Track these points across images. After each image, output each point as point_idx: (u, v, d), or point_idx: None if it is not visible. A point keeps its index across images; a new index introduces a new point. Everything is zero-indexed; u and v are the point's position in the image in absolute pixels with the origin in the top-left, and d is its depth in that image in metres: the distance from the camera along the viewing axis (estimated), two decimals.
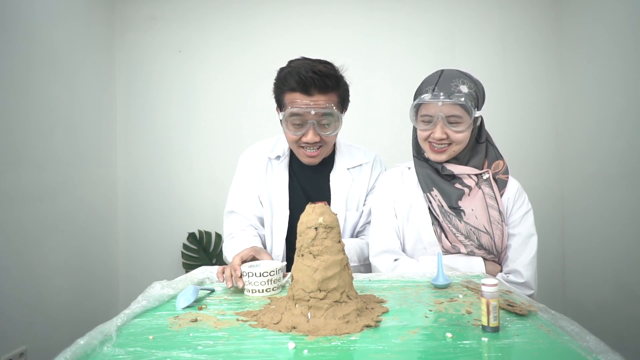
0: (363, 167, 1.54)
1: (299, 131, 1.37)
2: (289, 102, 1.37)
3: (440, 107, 1.27)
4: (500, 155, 1.40)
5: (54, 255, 2.19)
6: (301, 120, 1.36)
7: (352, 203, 1.50)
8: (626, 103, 2.15)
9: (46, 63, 2.15)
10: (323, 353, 0.72)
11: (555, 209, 2.68)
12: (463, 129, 1.27)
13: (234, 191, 1.54)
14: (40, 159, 2.10)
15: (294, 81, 1.34)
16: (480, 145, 1.38)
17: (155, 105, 2.78)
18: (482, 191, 1.33)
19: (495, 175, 1.37)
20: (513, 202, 1.36)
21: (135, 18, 2.77)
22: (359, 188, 1.52)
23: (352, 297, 0.88)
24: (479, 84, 1.33)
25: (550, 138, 2.71)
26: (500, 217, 1.32)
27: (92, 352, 0.73)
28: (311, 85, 1.34)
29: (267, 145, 1.57)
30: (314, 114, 1.35)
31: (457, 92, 1.26)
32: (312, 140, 1.38)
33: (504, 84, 2.71)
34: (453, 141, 1.29)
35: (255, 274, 1.06)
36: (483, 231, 1.31)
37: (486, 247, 1.31)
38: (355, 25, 2.74)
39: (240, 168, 1.56)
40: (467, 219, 1.31)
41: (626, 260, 2.16)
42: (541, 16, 2.70)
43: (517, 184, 1.40)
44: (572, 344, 0.74)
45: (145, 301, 0.95)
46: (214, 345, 0.76)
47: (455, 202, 1.32)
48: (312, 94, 1.35)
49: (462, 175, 1.34)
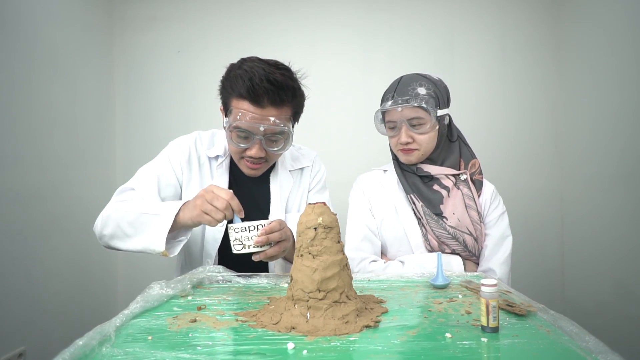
0: (304, 169, 1.48)
1: (244, 144, 1.24)
2: (235, 110, 1.22)
3: (401, 112, 1.30)
4: (474, 155, 1.42)
5: (53, 256, 2.18)
6: (247, 133, 1.22)
7: (293, 204, 1.43)
8: (624, 104, 2.15)
9: (46, 63, 2.15)
10: (322, 353, 0.72)
11: (554, 209, 2.68)
12: (426, 130, 1.30)
13: (147, 173, 1.31)
14: (39, 159, 2.10)
15: (244, 88, 1.18)
16: (453, 144, 1.39)
17: (154, 105, 2.78)
18: (461, 192, 1.35)
19: (472, 175, 1.39)
20: (489, 203, 1.39)
21: (135, 18, 2.77)
22: (300, 189, 1.45)
23: (351, 297, 0.88)
24: (439, 84, 1.34)
25: (549, 139, 2.71)
26: (479, 218, 1.35)
27: (90, 352, 0.72)
28: (264, 96, 1.18)
29: (203, 140, 1.40)
30: (262, 130, 1.20)
31: (415, 95, 1.30)
32: (257, 155, 1.24)
33: (502, 85, 2.71)
34: (419, 144, 1.32)
35: (257, 227, 1.05)
36: (467, 233, 1.33)
37: (470, 249, 1.33)
38: (355, 26, 2.74)
39: (171, 154, 1.35)
40: (450, 223, 1.33)
41: (625, 261, 2.16)
42: (540, 17, 2.70)
43: (492, 186, 1.43)
44: (572, 344, 0.74)
45: (144, 302, 0.95)
46: (213, 345, 0.76)
47: (436, 207, 1.34)
48: (264, 106, 1.19)
49: (439, 176, 1.36)
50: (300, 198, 1.45)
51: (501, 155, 2.66)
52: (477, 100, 2.70)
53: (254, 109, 1.20)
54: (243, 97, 1.20)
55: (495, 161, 2.58)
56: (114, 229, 1.19)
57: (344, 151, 2.73)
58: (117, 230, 1.19)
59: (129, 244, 1.18)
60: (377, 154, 2.75)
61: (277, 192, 1.40)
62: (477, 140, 2.22)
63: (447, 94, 1.36)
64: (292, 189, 1.43)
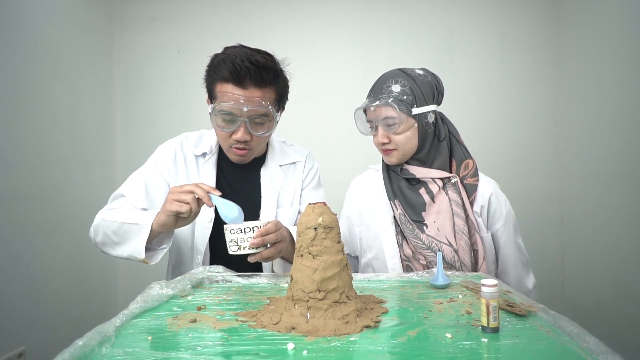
0: (297, 165, 1.46)
1: (229, 127, 1.25)
2: (220, 94, 1.24)
3: (374, 111, 1.25)
4: (468, 154, 1.32)
5: (53, 256, 2.18)
6: (232, 117, 1.23)
7: (285, 200, 1.42)
8: (624, 103, 2.15)
9: (46, 64, 2.15)
10: (322, 354, 0.72)
11: (554, 209, 2.68)
12: (401, 130, 1.23)
13: (136, 179, 1.34)
14: (40, 158, 2.10)
15: (227, 70, 1.21)
16: (442, 143, 1.29)
17: (154, 105, 2.78)
18: (448, 197, 1.26)
19: (463, 179, 1.29)
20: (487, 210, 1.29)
21: (135, 18, 2.77)
22: (292, 185, 1.44)
23: (351, 297, 0.88)
24: (420, 79, 1.25)
25: (549, 138, 2.71)
26: (466, 227, 1.24)
27: (90, 352, 0.72)
28: (246, 76, 1.20)
29: (189, 140, 1.41)
30: (246, 111, 1.21)
31: (388, 92, 1.23)
32: (242, 138, 1.25)
33: (502, 84, 2.71)
34: (396, 144, 1.25)
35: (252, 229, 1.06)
36: (445, 243, 1.24)
37: (448, 261, 1.25)
38: (354, 26, 2.74)
39: (158, 158, 1.37)
40: (428, 232, 1.25)
41: (625, 260, 2.16)
42: (540, 18, 2.70)
43: (491, 189, 1.31)
44: (572, 344, 0.74)
45: (144, 302, 0.95)
46: (213, 345, 0.76)
47: (418, 214, 1.27)
48: (247, 87, 1.21)
49: (426, 180, 1.27)
50: (292, 194, 1.44)
51: (501, 155, 2.66)
52: (476, 100, 2.70)
53: (238, 91, 1.22)
54: (226, 80, 1.22)
55: (495, 161, 2.58)
56: (103, 237, 1.23)
57: (343, 151, 2.72)
58: (105, 238, 1.23)
59: (117, 251, 1.22)
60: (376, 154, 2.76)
61: (267, 187, 1.39)
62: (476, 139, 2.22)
63: (430, 89, 1.25)
64: (283, 183, 1.42)
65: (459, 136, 1.33)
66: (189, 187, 1.11)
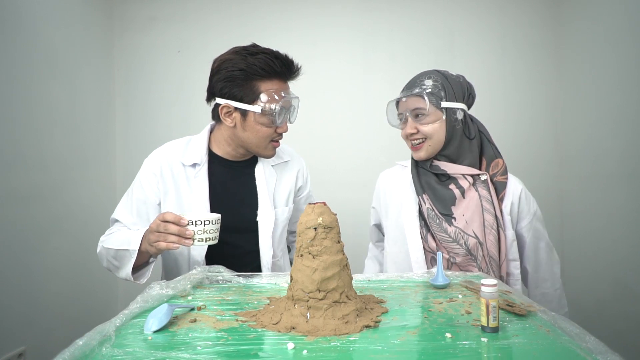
0: (288, 163, 1.49)
1: (281, 122, 1.29)
2: (270, 92, 1.25)
3: (405, 102, 1.32)
4: (498, 154, 1.37)
5: (53, 256, 2.18)
6: (286, 110, 1.29)
7: (280, 199, 1.43)
8: (624, 103, 2.15)
9: (46, 64, 2.15)
10: (322, 353, 0.72)
11: (554, 208, 2.68)
12: (429, 120, 1.29)
13: (127, 200, 1.35)
14: (39, 159, 2.10)
15: (278, 64, 1.24)
16: (472, 141, 1.34)
17: (154, 105, 2.78)
18: (478, 193, 1.29)
19: (493, 176, 1.33)
20: (518, 208, 1.34)
21: (135, 19, 2.77)
22: (286, 183, 1.46)
23: (351, 297, 0.88)
24: (453, 78, 1.32)
25: (549, 138, 2.72)
26: (495, 222, 1.28)
27: (90, 352, 0.72)
28: (290, 71, 1.28)
29: (176, 149, 1.37)
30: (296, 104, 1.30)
31: (421, 86, 1.30)
32: (286, 129, 1.32)
33: (502, 84, 2.71)
34: (424, 135, 1.30)
35: (212, 222, 1.09)
36: (471, 236, 1.27)
37: (471, 251, 1.28)
38: (355, 26, 2.74)
39: (143, 174, 1.35)
40: (456, 224, 1.29)
41: (625, 260, 2.16)
42: (540, 17, 2.71)
43: (521, 186, 1.36)
44: (572, 344, 0.74)
45: (144, 302, 0.95)
46: (213, 345, 0.76)
47: (447, 208, 1.30)
48: (287, 80, 1.30)
49: (456, 175, 1.31)
50: (287, 193, 1.45)
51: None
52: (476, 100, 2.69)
53: (283, 85, 1.28)
54: (273, 76, 1.25)
55: None
56: (107, 263, 1.29)
57: (342, 150, 2.73)
58: (109, 264, 1.29)
59: (121, 274, 1.27)
60: (376, 153, 2.76)
61: (263, 186, 1.40)
62: None
63: (461, 89, 1.32)
64: (276, 183, 1.44)
65: (490, 136, 1.38)
66: (162, 227, 1.10)
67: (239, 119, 1.28)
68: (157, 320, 0.83)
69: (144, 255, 1.22)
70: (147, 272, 1.28)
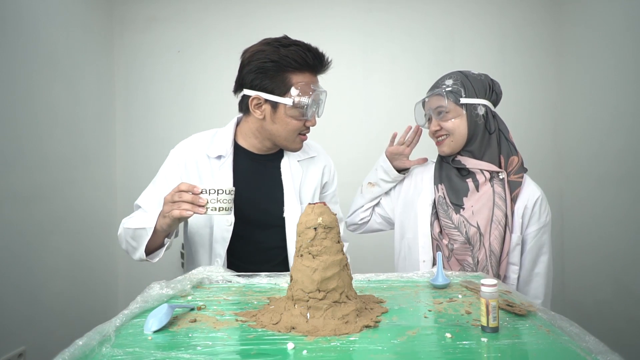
0: (314, 159, 1.46)
1: (311, 115, 1.29)
2: (301, 84, 1.24)
3: (428, 102, 1.40)
4: (515, 151, 1.41)
5: (53, 256, 2.18)
6: (317, 104, 1.28)
7: (306, 195, 1.41)
8: (624, 103, 2.15)
9: (46, 64, 2.15)
10: (322, 353, 0.72)
11: (554, 209, 2.65)
12: (450, 117, 1.35)
13: (151, 188, 1.35)
14: (40, 159, 2.10)
15: (311, 57, 1.24)
16: (491, 136, 1.39)
17: (154, 105, 2.78)
18: (492, 189, 1.34)
19: (508, 174, 1.38)
20: (531, 213, 1.36)
21: (135, 19, 2.78)
22: (312, 179, 1.44)
23: (351, 297, 0.88)
24: (473, 76, 1.39)
25: (549, 138, 2.72)
26: (504, 220, 1.31)
27: (90, 352, 0.72)
28: (322, 64, 1.28)
29: (202, 141, 1.37)
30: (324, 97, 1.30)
31: (442, 85, 1.37)
32: (314, 124, 1.31)
33: (502, 84, 2.69)
34: (447, 131, 1.36)
35: (225, 191, 1.10)
36: (474, 226, 1.32)
37: (471, 240, 1.32)
38: (355, 26, 2.75)
39: (169, 164, 1.35)
40: (462, 213, 1.34)
41: (625, 260, 2.16)
42: (540, 18, 2.71)
43: (539, 193, 1.38)
44: (572, 344, 0.74)
45: (144, 302, 0.95)
46: (213, 345, 0.76)
47: (459, 198, 1.36)
48: (318, 74, 1.31)
49: (475, 170, 1.36)
50: (313, 189, 1.43)
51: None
52: None
53: (314, 79, 1.28)
54: (305, 69, 1.25)
55: None
56: (126, 245, 1.29)
57: (342, 150, 2.72)
58: (127, 245, 1.29)
59: (137, 255, 1.27)
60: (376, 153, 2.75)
61: (289, 181, 1.38)
62: None
63: (482, 86, 1.38)
64: (302, 178, 1.42)
65: (509, 134, 1.42)
66: (181, 187, 1.12)
67: (269, 111, 1.27)
68: (157, 320, 0.83)
69: (160, 235, 1.21)
70: (160, 252, 1.27)
